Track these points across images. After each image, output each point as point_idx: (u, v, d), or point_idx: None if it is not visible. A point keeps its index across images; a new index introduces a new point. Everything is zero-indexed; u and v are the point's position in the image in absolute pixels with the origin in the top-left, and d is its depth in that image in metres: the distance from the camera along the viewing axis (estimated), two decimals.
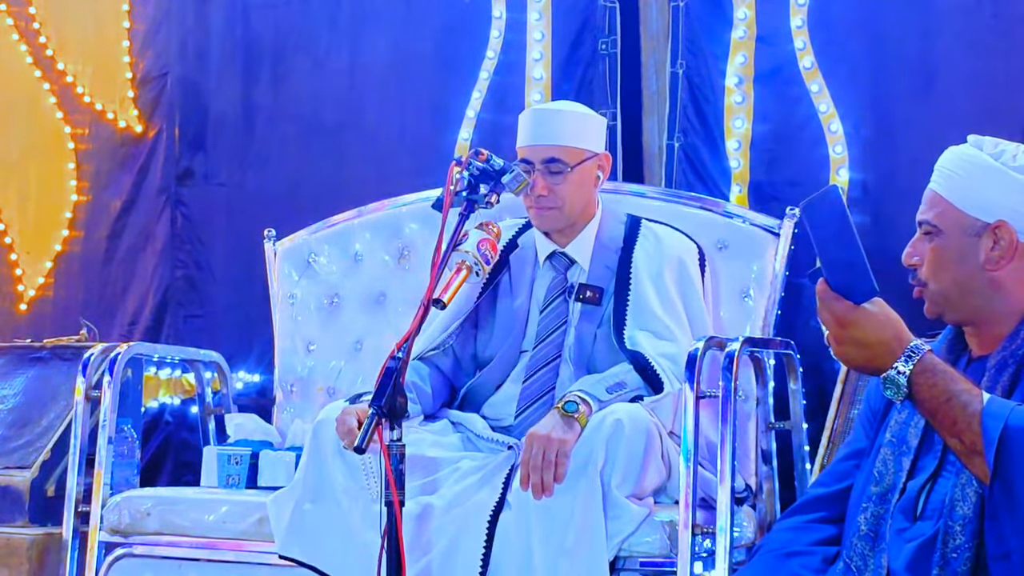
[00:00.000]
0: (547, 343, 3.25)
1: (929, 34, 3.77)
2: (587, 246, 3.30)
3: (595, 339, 3.23)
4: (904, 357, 1.89)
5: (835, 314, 1.91)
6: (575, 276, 3.30)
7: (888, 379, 1.90)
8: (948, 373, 1.91)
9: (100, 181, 5.04)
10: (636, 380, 3.07)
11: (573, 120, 3.31)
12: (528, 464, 2.83)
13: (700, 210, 3.68)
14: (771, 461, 3.32)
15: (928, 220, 2.15)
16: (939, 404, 1.89)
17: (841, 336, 1.92)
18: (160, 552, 3.45)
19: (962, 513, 1.95)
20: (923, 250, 2.15)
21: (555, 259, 3.32)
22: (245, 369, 4.55)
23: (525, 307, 3.30)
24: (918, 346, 1.91)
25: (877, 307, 1.91)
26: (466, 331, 3.33)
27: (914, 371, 1.89)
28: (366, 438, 2.48)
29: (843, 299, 1.90)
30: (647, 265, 3.26)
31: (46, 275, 5.12)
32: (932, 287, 2.14)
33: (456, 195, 2.93)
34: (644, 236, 3.32)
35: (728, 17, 3.97)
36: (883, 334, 1.90)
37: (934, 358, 1.91)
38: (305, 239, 4.16)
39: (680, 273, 3.30)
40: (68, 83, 5.12)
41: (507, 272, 3.33)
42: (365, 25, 4.58)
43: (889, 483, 2.08)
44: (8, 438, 4.30)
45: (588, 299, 3.25)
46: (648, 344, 3.13)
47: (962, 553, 1.93)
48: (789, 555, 2.18)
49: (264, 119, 4.73)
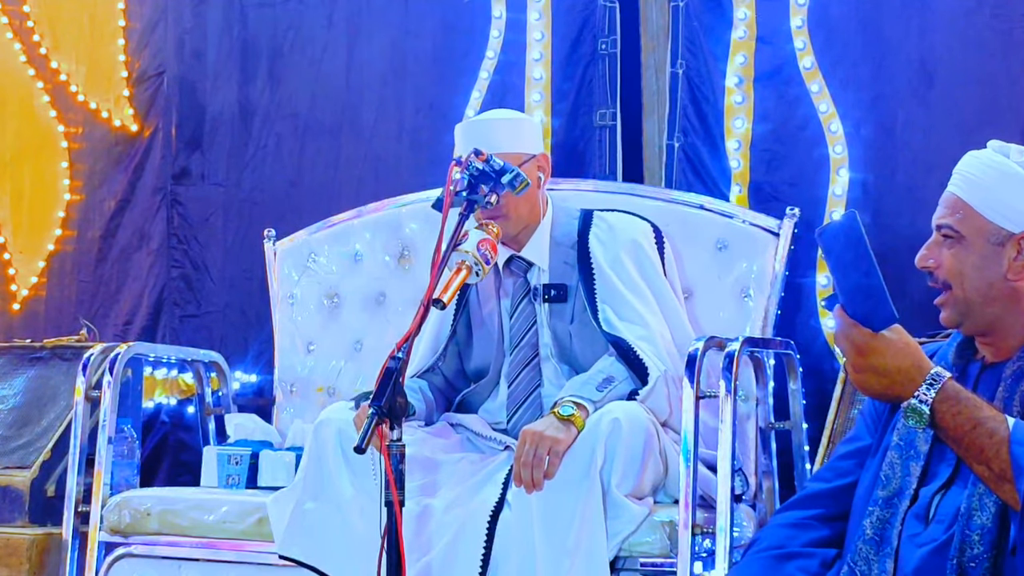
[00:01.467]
0: (523, 345, 3.26)
1: (929, 34, 3.78)
2: (542, 246, 3.30)
3: (570, 336, 3.23)
4: (925, 385, 1.87)
5: (854, 342, 1.89)
6: (536, 278, 3.30)
7: (910, 408, 1.88)
8: (971, 399, 1.89)
9: (94, 180, 5.03)
10: (622, 370, 3.07)
11: (505, 127, 3.30)
12: (520, 460, 2.84)
13: (700, 210, 3.68)
14: (771, 461, 3.33)
15: (950, 225, 2.11)
16: (964, 432, 1.87)
17: (860, 364, 1.90)
18: (160, 552, 3.46)
19: (980, 523, 1.93)
20: (940, 254, 2.12)
21: (514, 264, 3.32)
22: (242, 369, 4.54)
23: (496, 315, 3.31)
24: (939, 373, 1.88)
25: (896, 334, 1.89)
26: (450, 352, 3.35)
27: (936, 399, 1.87)
28: (366, 438, 2.48)
29: (861, 326, 1.88)
30: (603, 253, 3.26)
31: (39, 274, 5.10)
32: (955, 293, 2.10)
33: (456, 195, 2.93)
34: (597, 226, 3.31)
35: (728, 17, 3.97)
36: (903, 362, 1.88)
37: (956, 385, 1.89)
38: (305, 239, 4.15)
39: (637, 254, 3.29)
40: (62, 82, 5.10)
41: (474, 287, 3.32)
42: (363, 24, 4.58)
43: (896, 487, 2.06)
44: (8, 438, 4.29)
45: (553, 298, 3.25)
46: (623, 328, 3.13)
47: (980, 563, 1.91)
48: (786, 556, 2.15)
49: (261, 118, 4.72)
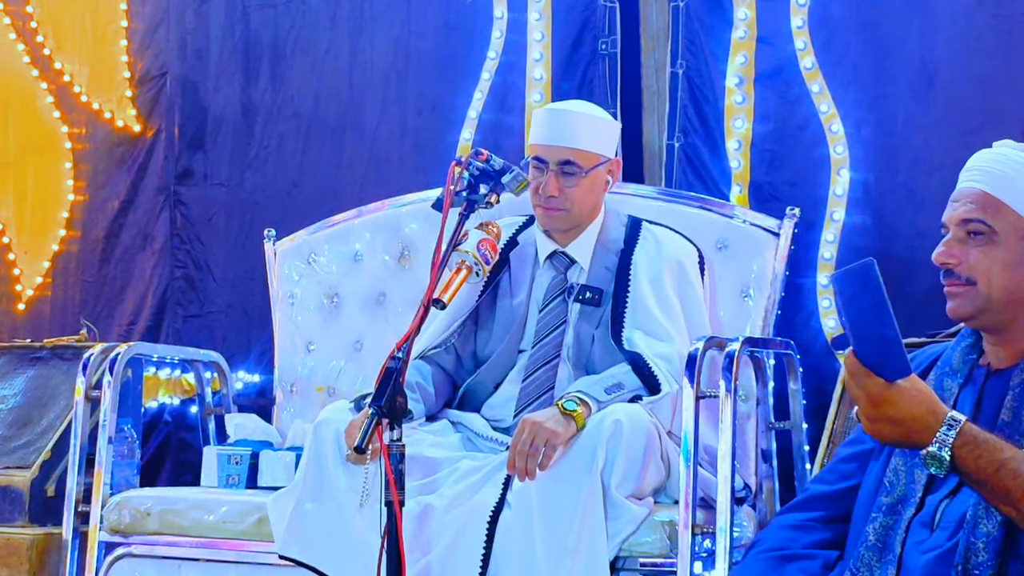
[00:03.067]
0: (545, 343, 3.25)
1: (929, 34, 3.77)
2: (588, 247, 3.30)
3: (593, 340, 3.22)
4: (943, 431, 1.84)
5: (867, 392, 1.84)
6: (575, 276, 3.29)
7: (929, 455, 1.84)
8: (990, 441, 1.86)
9: (97, 181, 5.03)
10: (634, 381, 3.07)
11: (590, 124, 3.30)
12: (516, 447, 2.83)
13: (700, 210, 3.68)
14: (771, 461, 3.33)
15: (982, 220, 2.06)
16: (988, 475, 1.84)
17: (873, 415, 1.85)
18: (160, 552, 3.46)
19: (986, 531, 1.91)
20: (964, 251, 2.07)
21: (556, 259, 3.32)
22: (245, 369, 4.55)
23: (524, 306, 3.30)
24: (955, 417, 1.85)
25: (909, 383, 1.85)
26: (467, 329, 3.33)
27: (956, 444, 1.84)
28: (366, 438, 2.48)
29: (875, 376, 1.83)
30: (646, 267, 3.26)
31: (44, 275, 5.11)
32: (979, 289, 2.06)
33: (456, 195, 2.93)
34: (644, 238, 3.31)
35: (728, 17, 3.97)
36: (917, 410, 1.84)
37: (973, 427, 1.86)
38: (305, 239, 4.16)
39: (679, 276, 3.30)
40: (65, 82, 5.11)
41: (507, 270, 3.33)
42: (365, 24, 4.58)
43: (900, 494, 2.05)
44: (8, 438, 4.30)
45: (588, 300, 3.24)
46: (645, 345, 3.13)
47: (985, 571, 1.89)
48: (787, 558, 2.15)
49: (264, 119, 4.72)
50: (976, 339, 2.15)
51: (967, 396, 2.09)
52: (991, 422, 2.01)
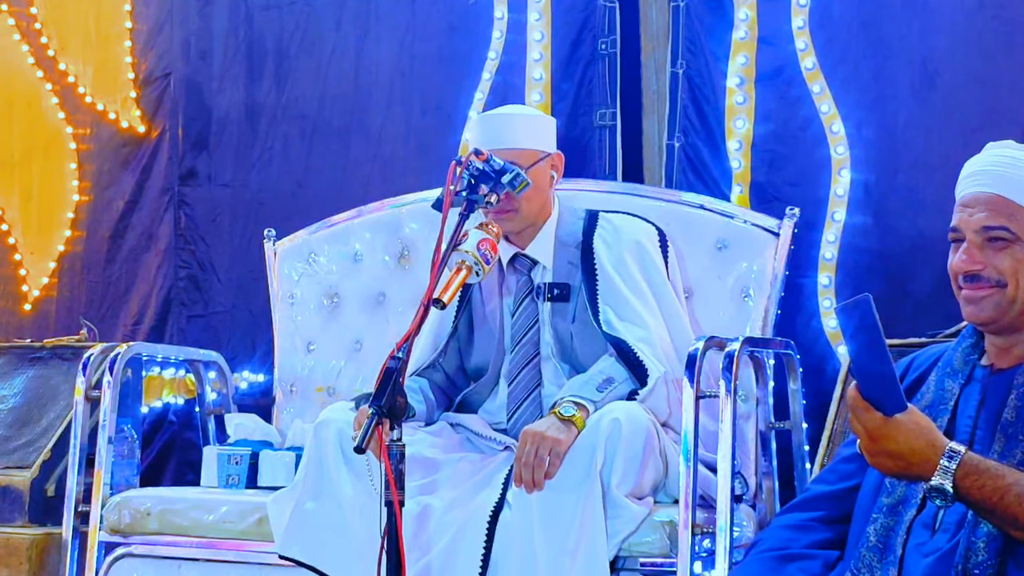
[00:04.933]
0: (524, 344, 3.26)
1: (930, 35, 3.77)
2: (548, 245, 3.30)
3: (571, 335, 3.23)
4: (943, 462, 1.85)
5: (866, 427, 1.86)
6: (539, 276, 3.30)
7: (932, 488, 1.86)
8: (991, 468, 1.86)
9: (102, 181, 5.05)
10: (622, 371, 3.07)
11: (523, 122, 3.31)
12: (520, 460, 2.84)
13: (700, 210, 3.68)
14: (771, 461, 3.32)
15: (1004, 227, 2.06)
16: (994, 503, 1.85)
17: (873, 449, 1.88)
18: (160, 552, 3.46)
19: (987, 530, 1.92)
20: (989, 257, 2.07)
21: (518, 262, 3.32)
22: (249, 369, 4.55)
23: (498, 311, 3.32)
24: (954, 449, 1.86)
25: (907, 416, 1.86)
26: (451, 349, 3.35)
27: (958, 475, 1.85)
28: (366, 438, 2.48)
29: (874, 410, 1.86)
30: (608, 255, 3.26)
31: (50, 275, 5.13)
32: (1008, 292, 2.06)
33: (456, 195, 2.93)
34: (602, 227, 3.31)
35: (729, 17, 3.97)
36: (916, 443, 1.86)
37: (974, 456, 1.87)
38: (305, 239, 4.16)
39: (641, 257, 3.29)
40: (70, 83, 5.12)
41: (476, 284, 3.32)
42: (369, 26, 4.58)
43: (901, 495, 2.05)
44: (8, 438, 4.31)
45: (556, 297, 3.25)
46: (624, 329, 3.13)
47: (985, 571, 1.90)
48: (788, 558, 2.15)
49: (268, 119, 4.73)
50: (978, 339, 2.15)
51: (969, 396, 2.09)
52: (994, 422, 2.02)
